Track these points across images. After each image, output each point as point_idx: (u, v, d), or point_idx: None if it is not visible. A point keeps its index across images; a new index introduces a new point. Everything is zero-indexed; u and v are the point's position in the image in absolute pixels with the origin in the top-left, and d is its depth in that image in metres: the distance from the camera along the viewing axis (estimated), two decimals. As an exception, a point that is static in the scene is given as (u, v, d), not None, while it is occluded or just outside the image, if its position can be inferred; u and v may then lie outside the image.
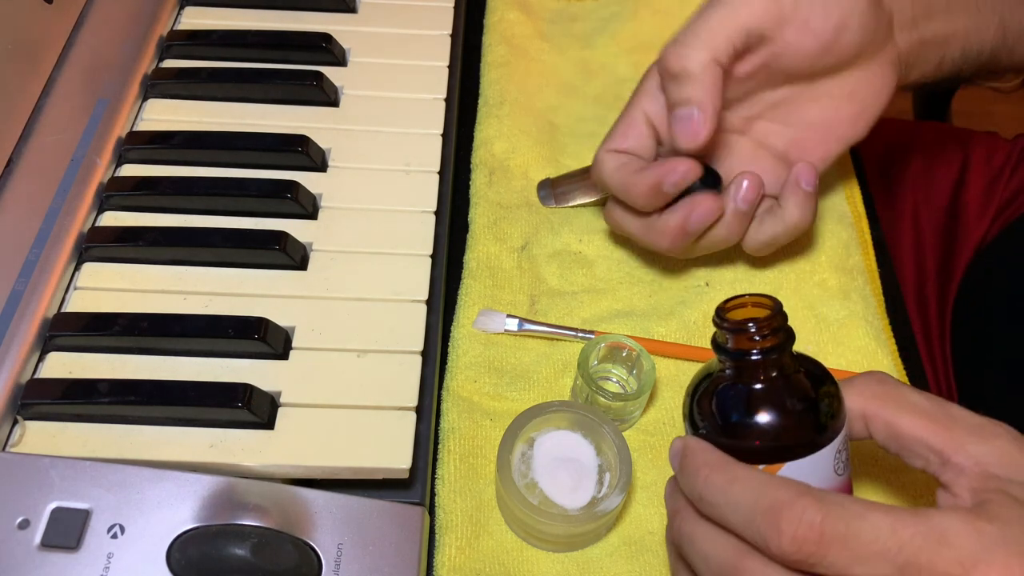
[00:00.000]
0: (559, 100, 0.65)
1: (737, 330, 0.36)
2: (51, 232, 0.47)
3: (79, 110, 0.53)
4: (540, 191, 0.59)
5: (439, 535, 0.45)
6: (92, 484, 0.39)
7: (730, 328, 0.36)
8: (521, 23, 0.68)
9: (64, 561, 0.37)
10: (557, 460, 0.45)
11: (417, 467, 0.43)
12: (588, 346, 0.48)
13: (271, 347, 0.45)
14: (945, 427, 0.34)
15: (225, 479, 0.40)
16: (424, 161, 0.55)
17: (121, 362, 0.45)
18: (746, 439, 0.36)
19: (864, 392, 0.37)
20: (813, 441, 0.35)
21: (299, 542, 0.39)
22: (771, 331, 0.36)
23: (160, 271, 0.49)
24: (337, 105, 0.58)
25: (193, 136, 0.54)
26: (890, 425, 0.36)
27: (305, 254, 0.50)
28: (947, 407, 0.35)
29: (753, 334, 0.36)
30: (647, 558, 0.45)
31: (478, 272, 0.54)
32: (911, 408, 0.36)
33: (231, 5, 0.62)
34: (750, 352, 0.36)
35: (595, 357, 0.49)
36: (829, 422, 0.36)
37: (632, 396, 0.48)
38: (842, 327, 0.53)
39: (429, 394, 0.47)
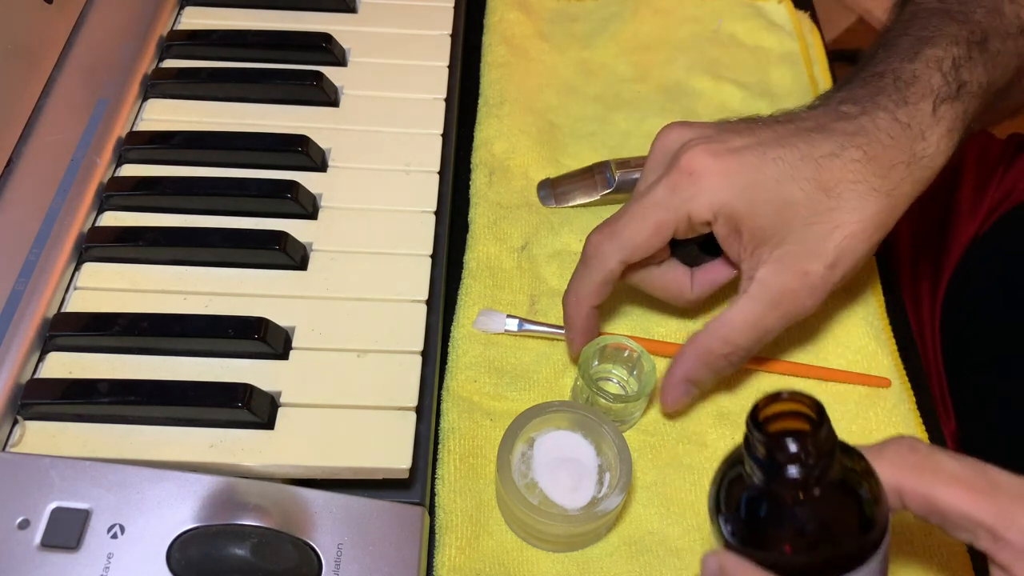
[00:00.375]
0: (559, 100, 0.65)
1: (774, 445, 0.31)
2: (51, 232, 0.47)
3: (79, 110, 0.53)
4: (540, 191, 0.59)
5: (439, 535, 0.45)
6: (92, 484, 0.39)
7: (768, 443, 0.31)
8: (521, 23, 0.68)
9: (64, 561, 0.37)
10: (557, 460, 0.45)
11: (417, 467, 0.43)
12: (589, 347, 0.48)
13: (271, 347, 0.45)
14: (989, 496, 0.32)
15: (225, 479, 0.40)
16: (424, 161, 0.55)
17: (121, 362, 0.45)
18: (786, 555, 0.32)
19: (896, 463, 0.34)
20: (861, 553, 0.32)
21: (299, 542, 0.39)
22: (815, 447, 0.31)
23: (160, 271, 0.49)
24: (337, 105, 0.58)
25: (193, 136, 0.54)
26: (929, 499, 0.33)
27: (305, 254, 0.50)
28: (986, 471, 0.33)
29: (795, 453, 0.31)
30: (647, 558, 0.45)
31: (478, 272, 0.54)
32: (949, 478, 0.33)
33: (231, 5, 0.62)
34: (788, 468, 0.31)
35: (595, 358, 0.49)
36: (875, 527, 0.32)
37: (633, 397, 0.48)
38: (842, 327, 0.53)
39: (429, 394, 0.47)
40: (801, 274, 0.44)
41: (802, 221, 0.43)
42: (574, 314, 0.48)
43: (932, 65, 0.46)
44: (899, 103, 0.45)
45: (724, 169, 0.43)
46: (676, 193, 0.44)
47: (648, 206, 0.44)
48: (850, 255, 0.44)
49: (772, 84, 0.66)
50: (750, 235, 0.44)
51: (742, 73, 0.66)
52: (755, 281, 0.44)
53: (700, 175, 0.43)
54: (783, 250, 0.44)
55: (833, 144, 0.44)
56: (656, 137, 0.48)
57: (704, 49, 0.68)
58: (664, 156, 0.47)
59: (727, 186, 0.43)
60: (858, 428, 0.50)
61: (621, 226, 0.45)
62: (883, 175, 0.44)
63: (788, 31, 0.69)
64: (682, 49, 0.68)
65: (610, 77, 0.66)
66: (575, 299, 0.48)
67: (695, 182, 0.43)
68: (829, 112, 0.46)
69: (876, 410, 0.50)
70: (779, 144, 0.44)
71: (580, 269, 0.47)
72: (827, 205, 0.43)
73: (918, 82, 0.46)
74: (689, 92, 0.65)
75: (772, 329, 0.45)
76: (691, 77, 0.66)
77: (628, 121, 0.63)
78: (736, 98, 0.65)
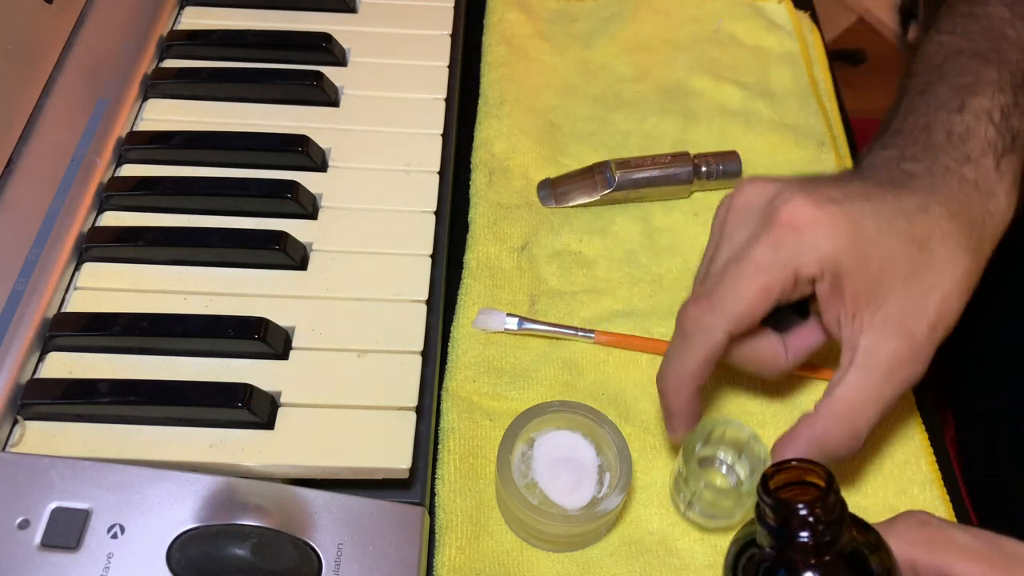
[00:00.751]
0: (559, 100, 0.65)
1: (786, 511, 0.32)
2: (51, 232, 0.47)
3: (79, 110, 0.53)
4: (540, 191, 0.59)
5: (439, 535, 0.45)
6: (92, 484, 0.39)
7: (776, 508, 0.32)
8: (521, 23, 0.68)
9: (64, 561, 0.37)
10: (557, 460, 0.45)
11: (417, 467, 0.43)
12: (695, 433, 0.43)
13: (271, 347, 0.45)
14: (1006, 570, 0.32)
15: (225, 479, 0.40)
16: (424, 161, 0.55)
17: (121, 362, 0.45)
18: None
19: (909, 538, 0.34)
20: None
21: (299, 542, 0.39)
22: (824, 512, 0.32)
23: (160, 271, 0.49)
24: (337, 105, 0.58)
25: (193, 136, 0.54)
26: (945, 574, 0.33)
27: (305, 254, 0.50)
28: (1000, 543, 0.33)
29: (805, 517, 0.32)
30: (647, 558, 0.45)
31: (478, 272, 0.54)
32: (963, 552, 0.33)
33: (231, 5, 0.62)
34: (798, 534, 0.32)
35: (701, 441, 0.44)
36: None
37: (748, 491, 0.42)
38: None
39: (429, 394, 0.47)
40: (909, 336, 0.40)
41: (902, 279, 0.40)
42: (675, 398, 0.43)
43: (982, 117, 0.44)
44: (962, 161, 0.43)
45: (830, 220, 0.40)
46: (780, 250, 0.40)
47: (751, 269, 0.40)
48: (948, 316, 0.41)
49: (772, 84, 0.66)
50: (852, 294, 0.40)
51: (742, 73, 0.66)
52: (861, 350, 0.40)
53: (805, 227, 0.39)
54: (886, 312, 0.40)
55: (919, 199, 0.41)
56: (731, 197, 0.44)
57: (704, 49, 0.68)
58: (750, 212, 0.42)
59: (835, 237, 0.40)
60: (858, 428, 0.50)
61: (722, 294, 0.40)
62: (967, 232, 0.42)
63: (788, 31, 0.69)
64: (682, 49, 0.68)
65: (610, 77, 0.66)
66: (676, 381, 0.42)
67: (800, 235, 0.40)
68: (893, 170, 0.43)
69: (876, 410, 0.50)
70: (870, 198, 0.41)
71: (679, 346, 0.42)
72: (923, 262, 0.41)
73: (973, 137, 0.44)
74: (689, 92, 0.65)
75: (892, 402, 0.41)
76: (691, 77, 0.66)
77: (628, 121, 0.63)
78: (736, 98, 0.65)
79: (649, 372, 0.51)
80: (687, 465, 0.43)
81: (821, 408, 0.41)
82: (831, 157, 0.61)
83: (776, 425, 0.50)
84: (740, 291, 0.40)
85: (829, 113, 0.64)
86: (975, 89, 0.46)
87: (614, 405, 0.50)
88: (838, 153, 0.62)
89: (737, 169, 0.59)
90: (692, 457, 0.43)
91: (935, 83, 0.47)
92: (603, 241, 0.57)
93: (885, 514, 0.46)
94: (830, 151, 0.62)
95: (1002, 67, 0.46)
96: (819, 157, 0.61)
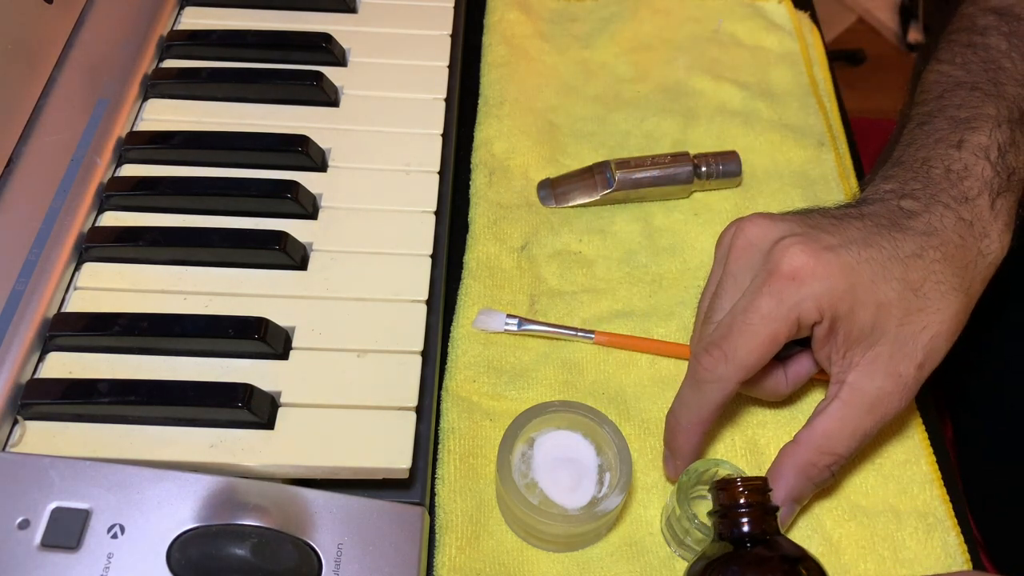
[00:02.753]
0: (559, 100, 0.65)
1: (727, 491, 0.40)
2: (51, 232, 0.47)
3: (79, 110, 0.53)
4: (540, 191, 0.59)
5: (439, 535, 0.45)
6: (92, 484, 0.39)
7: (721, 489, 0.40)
8: (521, 23, 0.68)
9: (64, 561, 0.37)
10: (557, 460, 0.45)
11: (417, 467, 0.43)
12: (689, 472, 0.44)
13: (271, 347, 0.45)
14: None
15: (225, 479, 0.40)
16: (424, 161, 0.55)
17: (121, 362, 0.45)
18: None
19: None
20: None
21: (299, 542, 0.39)
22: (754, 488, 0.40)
23: (160, 271, 0.49)
24: (337, 105, 0.58)
25: (193, 136, 0.54)
26: None
27: (305, 254, 0.50)
28: None
29: (741, 494, 0.40)
30: (647, 558, 0.45)
31: (478, 272, 0.54)
32: None
33: (231, 5, 0.62)
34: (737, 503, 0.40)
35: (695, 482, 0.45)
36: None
37: None
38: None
39: (429, 394, 0.47)
40: (895, 376, 0.43)
41: (895, 322, 0.43)
42: (684, 439, 0.45)
43: (980, 154, 0.46)
44: (959, 200, 0.45)
45: (826, 271, 0.42)
46: (784, 301, 0.42)
47: (758, 321, 0.42)
48: (936, 354, 0.43)
49: (772, 84, 0.66)
50: (845, 336, 0.43)
51: (742, 73, 0.66)
52: (847, 386, 0.43)
53: (804, 279, 0.42)
54: (875, 352, 0.43)
55: (914, 244, 0.43)
56: (733, 231, 0.46)
57: (704, 49, 0.68)
58: (753, 253, 0.44)
59: (832, 286, 0.42)
60: (858, 428, 0.50)
61: (733, 345, 0.42)
62: (960, 274, 0.44)
63: (788, 31, 0.69)
64: (682, 49, 0.68)
65: (610, 77, 0.66)
66: (687, 424, 0.45)
67: (800, 286, 0.42)
68: (892, 209, 0.45)
69: (876, 410, 0.50)
70: (867, 244, 0.43)
71: (692, 392, 0.44)
72: (916, 305, 0.43)
73: (970, 175, 0.45)
74: (689, 92, 0.65)
75: (869, 434, 0.43)
76: (691, 77, 0.66)
77: (628, 121, 0.63)
78: (736, 98, 0.65)
79: (649, 372, 0.52)
80: (680, 505, 0.43)
81: (801, 437, 0.44)
82: (831, 157, 0.61)
83: (776, 425, 0.50)
84: (750, 343, 0.42)
85: (829, 113, 0.64)
86: (973, 124, 0.47)
87: (614, 405, 0.50)
88: (838, 153, 0.62)
89: (737, 169, 0.59)
90: (685, 498, 0.43)
91: (935, 115, 0.49)
92: (603, 241, 0.57)
93: (885, 514, 0.47)
94: (830, 151, 0.62)
95: (1000, 103, 0.48)
96: (819, 157, 0.61)
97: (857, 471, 0.48)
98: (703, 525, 0.42)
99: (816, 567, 0.39)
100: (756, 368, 0.43)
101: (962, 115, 0.48)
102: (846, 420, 0.43)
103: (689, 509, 0.43)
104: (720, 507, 0.41)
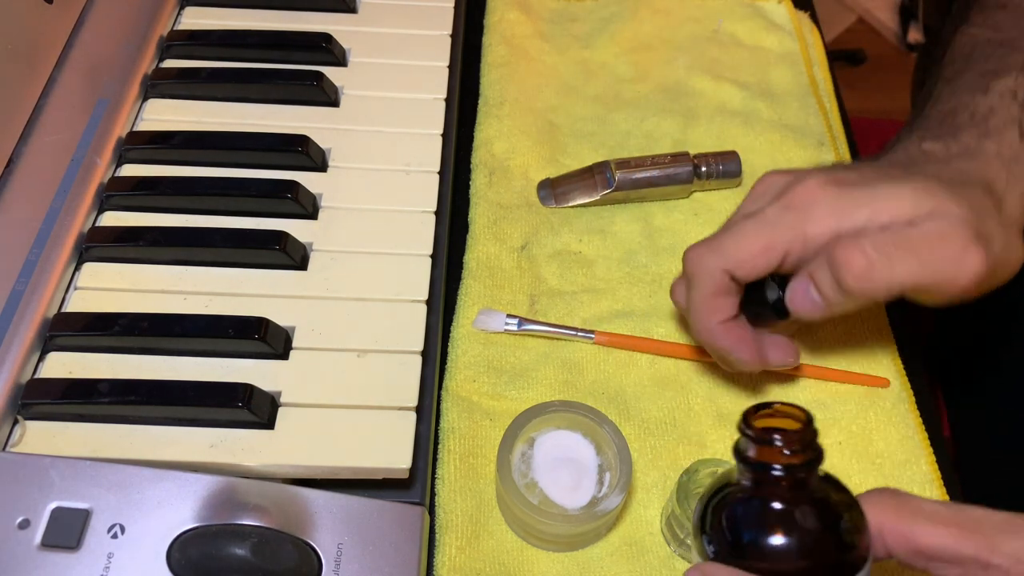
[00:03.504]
0: (559, 100, 0.65)
1: (762, 440, 0.33)
2: (51, 232, 0.47)
3: (79, 110, 0.53)
4: (540, 191, 0.59)
5: (439, 535, 0.45)
6: (92, 484, 0.39)
7: (755, 438, 0.33)
8: (521, 23, 0.68)
9: (64, 561, 0.37)
10: (557, 460, 0.45)
11: (417, 467, 0.43)
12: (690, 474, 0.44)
13: (271, 347, 0.45)
14: (971, 531, 0.33)
15: (225, 479, 0.40)
16: (424, 161, 0.55)
17: (121, 362, 0.45)
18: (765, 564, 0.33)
19: (878, 504, 0.34)
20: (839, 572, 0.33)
21: (299, 542, 0.39)
22: (800, 446, 0.33)
23: (160, 271, 0.49)
24: (337, 105, 0.58)
25: (193, 136, 0.54)
26: (911, 539, 0.34)
27: (305, 254, 0.50)
28: (965, 510, 0.34)
29: (780, 448, 0.33)
30: (647, 558, 0.45)
31: (478, 272, 0.54)
32: (930, 517, 0.34)
33: (231, 5, 0.62)
34: (773, 466, 0.33)
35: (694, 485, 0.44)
36: (855, 552, 0.33)
37: None
38: (842, 327, 0.53)
39: (429, 394, 0.47)
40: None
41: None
42: (706, 336, 0.45)
43: (1006, 96, 0.45)
44: (981, 136, 0.44)
45: (838, 194, 0.41)
46: (790, 212, 0.41)
47: (758, 223, 0.42)
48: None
49: (772, 84, 0.66)
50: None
51: (742, 73, 0.66)
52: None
53: (818, 200, 0.41)
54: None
55: (934, 168, 0.43)
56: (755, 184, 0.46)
57: (704, 49, 0.68)
58: (766, 191, 0.44)
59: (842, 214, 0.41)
60: (858, 428, 0.50)
61: (722, 238, 0.43)
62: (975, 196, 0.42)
63: (788, 31, 0.69)
64: (682, 49, 0.68)
65: (610, 77, 0.66)
66: (698, 324, 0.45)
67: (811, 205, 0.41)
68: (913, 151, 0.44)
69: (875, 410, 0.50)
70: (881, 179, 0.42)
71: (687, 292, 0.44)
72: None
73: (996, 115, 0.45)
74: (689, 92, 0.65)
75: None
76: (691, 77, 0.66)
77: (628, 121, 0.63)
78: (736, 98, 0.65)
79: (649, 372, 0.52)
80: (680, 505, 0.43)
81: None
82: (831, 157, 0.61)
83: (776, 425, 0.50)
84: (742, 240, 0.42)
85: (829, 113, 0.64)
86: (1000, 73, 0.46)
87: (614, 405, 0.50)
88: (838, 152, 0.62)
89: (737, 169, 0.59)
90: (685, 499, 0.43)
91: (962, 71, 0.48)
92: (603, 241, 0.57)
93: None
94: (830, 151, 0.62)
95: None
96: (819, 157, 0.61)
97: (857, 471, 0.48)
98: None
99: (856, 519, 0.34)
100: (746, 268, 0.42)
101: (989, 67, 0.47)
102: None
103: (689, 509, 0.43)
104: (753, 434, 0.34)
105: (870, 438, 0.49)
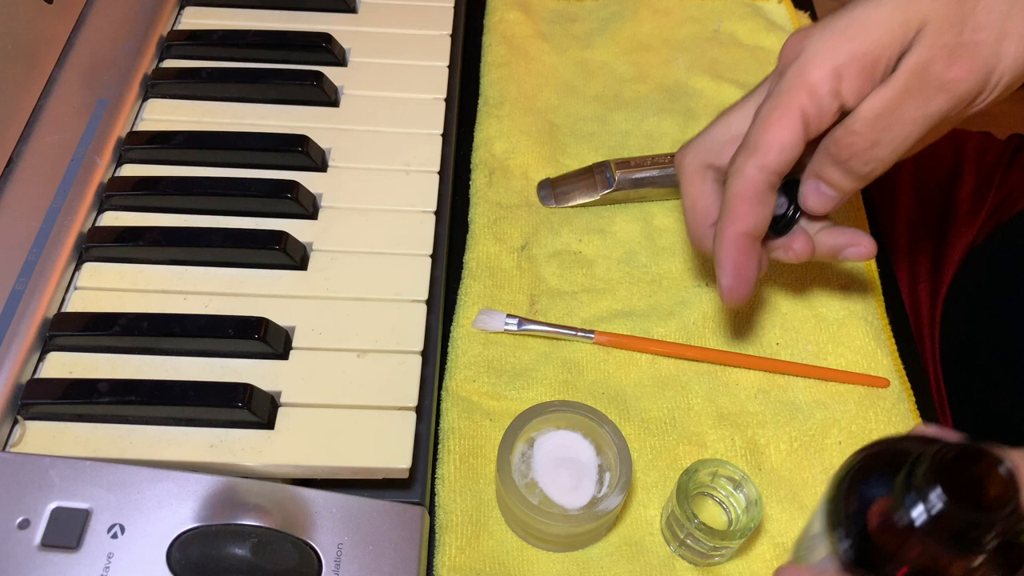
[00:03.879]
0: (559, 100, 0.65)
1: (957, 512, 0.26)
2: (51, 232, 0.47)
3: (79, 110, 0.53)
4: (540, 191, 0.59)
5: (439, 535, 0.45)
6: (92, 484, 0.39)
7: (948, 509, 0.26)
8: (521, 23, 0.68)
9: (64, 561, 0.37)
10: (557, 460, 0.45)
11: (417, 467, 0.43)
12: (691, 473, 0.43)
13: (271, 347, 0.45)
14: None
15: (225, 479, 0.40)
16: (424, 161, 0.55)
17: (121, 362, 0.45)
18: None
19: None
20: None
21: (299, 542, 0.39)
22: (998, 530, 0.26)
23: (160, 271, 0.49)
24: (337, 105, 0.58)
25: (193, 136, 0.54)
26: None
27: (305, 254, 0.50)
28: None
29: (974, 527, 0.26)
30: (647, 558, 0.45)
31: (478, 272, 0.54)
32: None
33: (231, 5, 0.62)
34: (957, 539, 0.27)
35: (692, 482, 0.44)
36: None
37: (738, 533, 0.42)
38: (842, 327, 0.53)
39: (429, 394, 0.47)
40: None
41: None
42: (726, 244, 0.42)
43: None
44: None
45: (822, 32, 0.40)
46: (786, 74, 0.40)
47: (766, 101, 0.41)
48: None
49: (772, 84, 0.66)
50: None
51: (742, 73, 0.66)
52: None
53: (803, 46, 0.40)
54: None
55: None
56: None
57: (704, 49, 0.68)
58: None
59: (834, 47, 0.40)
60: (858, 428, 0.50)
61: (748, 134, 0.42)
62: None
63: (788, 31, 0.69)
64: (682, 49, 0.68)
65: (610, 77, 0.66)
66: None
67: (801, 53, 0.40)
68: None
69: (875, 410, 0.50)
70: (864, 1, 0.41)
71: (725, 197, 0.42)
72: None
73: None
74: (689, 92, 0.65)
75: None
76: (691, 77, 0.66)
77: (628, 121, 0.63)
78: (736, 98, 0.64)
79: (649, 372, 0.52)
80: (680, 505, 0.43)
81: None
82: (831, 157, 0.61)
83: (776, 425, 0.50)
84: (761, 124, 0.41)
85: (829, 113, 0.64)
86: None
87: (614, 405, 0.50)
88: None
89: (737, 169, 0.59)
90: (685, 499, 0.43)
91: None
92: (603, 241, 0.57)
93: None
94: (830, 151, 0.62)
95: None
96: (819, 157, 0.61)
97: (857, 471, 0.48)
98: (703, 525, 0.42)
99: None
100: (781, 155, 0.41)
101: None
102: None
103: (689, 509, 0.43)
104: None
105: (870, 438, 0.49)
